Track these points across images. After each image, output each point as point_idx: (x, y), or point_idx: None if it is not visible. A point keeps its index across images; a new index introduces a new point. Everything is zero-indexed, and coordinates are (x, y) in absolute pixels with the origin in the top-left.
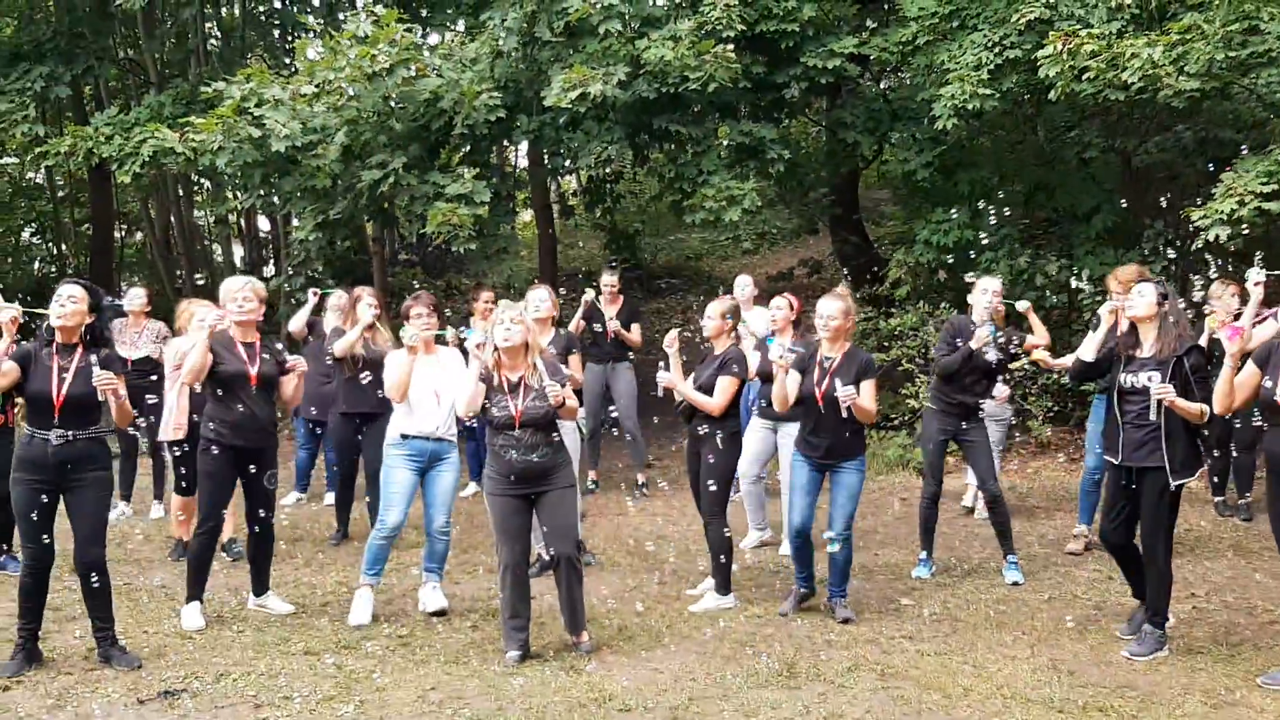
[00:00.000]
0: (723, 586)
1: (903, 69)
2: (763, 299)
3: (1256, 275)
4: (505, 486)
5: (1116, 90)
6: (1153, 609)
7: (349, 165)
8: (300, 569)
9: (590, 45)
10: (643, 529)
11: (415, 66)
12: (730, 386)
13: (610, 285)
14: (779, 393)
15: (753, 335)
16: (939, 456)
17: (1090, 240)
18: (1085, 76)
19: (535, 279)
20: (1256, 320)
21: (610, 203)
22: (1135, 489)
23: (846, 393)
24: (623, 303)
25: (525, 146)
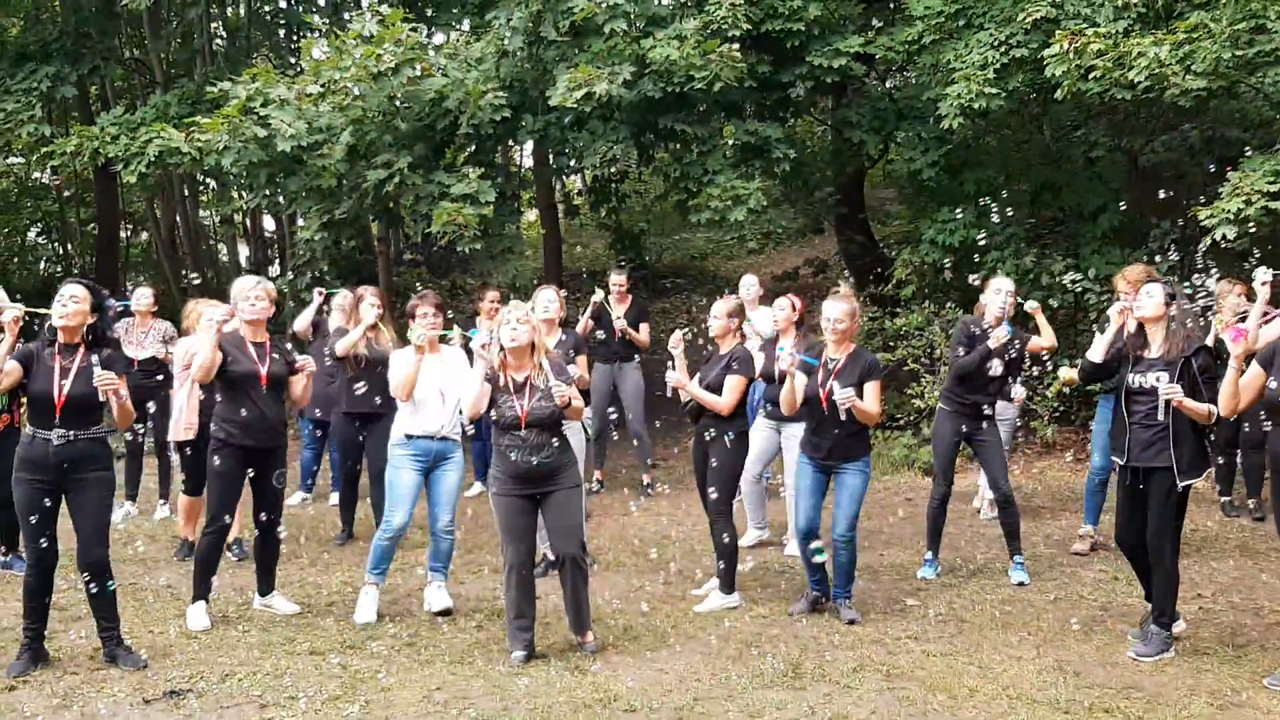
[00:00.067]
0: (727, 585)
1: (908, 68)
2: (768, 299)
3: (1264, 275)
4: (511, 486)
5: (1123, 89)
6: (1159, 609)
7: (354, 165)
8: (305, 569)
9: (595, 45)
10: (647, 529)
11: (420, 66)
12: (738, 385)
13: (619, 285)
14: (787, 395)
15: (758, 335)
16: (951, 457)
17: (1096, 240)
18: (1092, 75)
19: (539, 280)
20: (1264, 320)
21: (615, 202)
22: (1143, 489)
23: (844, 395)
24: (631, 302)
25: (530, 146)
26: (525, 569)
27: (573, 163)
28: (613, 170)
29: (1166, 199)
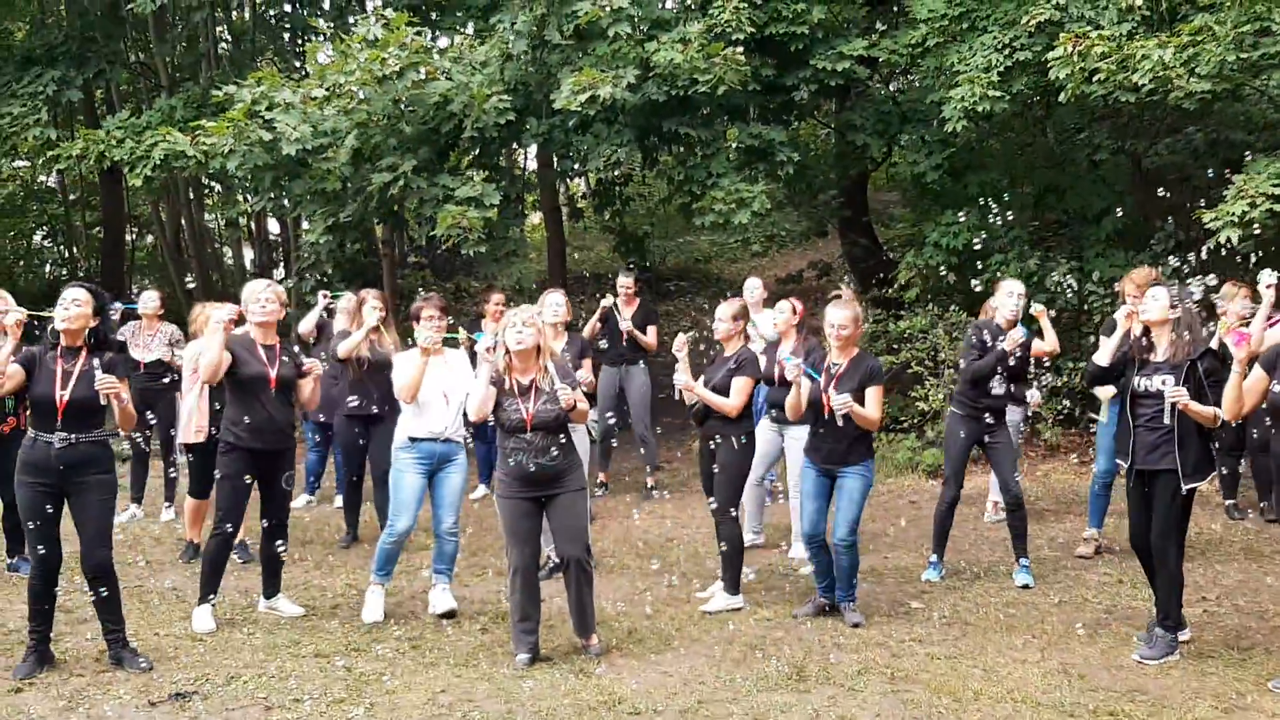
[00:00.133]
0: (732, 586)
1: (912, 71)
2: (772, 302)
3: (1269, 278)
4: (516, 489)
5: (1127, 92)
6: (1164, 612)
7: (359, 168)
8: (310, 571)
9: (600, 48)
10: (651, 532)
11: (425, 70)
12: (745, 387)
13: (626, 287)
14: (792, 401)
15: (761, 338)
16: (962, 461)
17: (1100, 242)
18: (1096, 78)
19: (543, 283)
20: (1269, 323)
21: (619, 205)
22: (1148, 492)
23: (841, 401)
24: (639, 304)
25: (534, 149)
26: (530, 571)
27: (577, 166)
28: (616, 173)
29: (1170, 202)
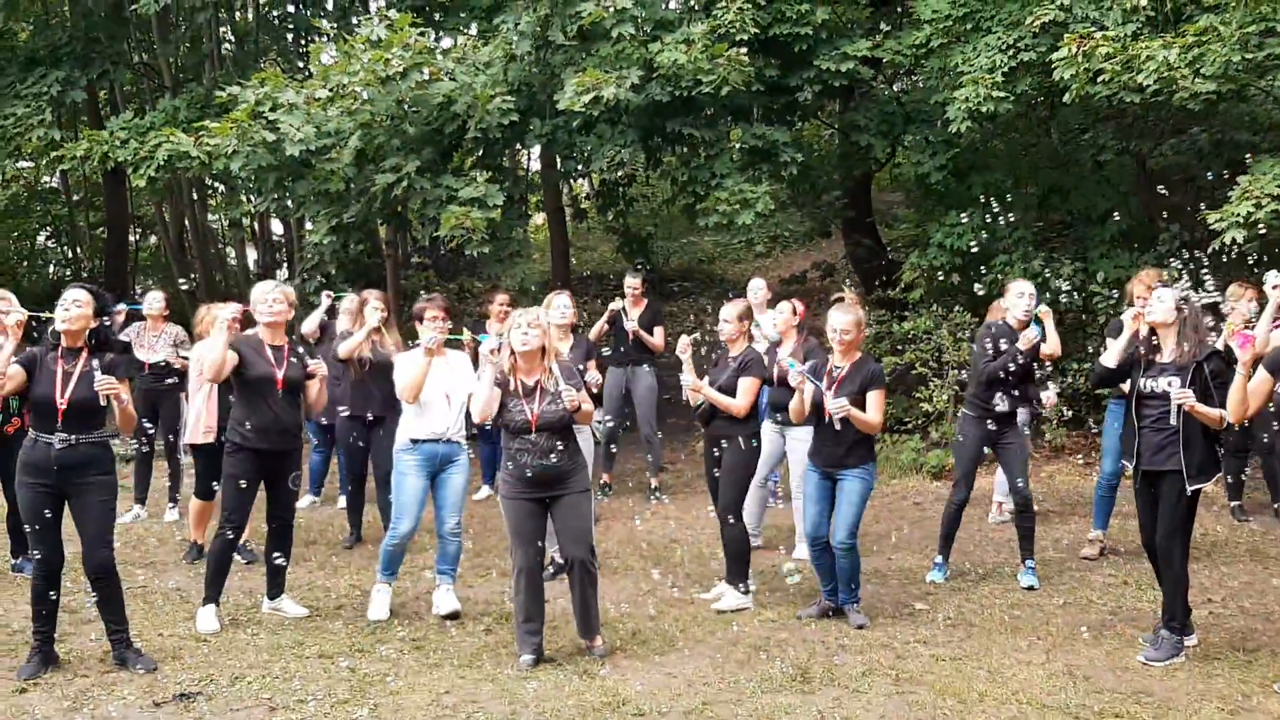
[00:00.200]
0: (743, 585)
1: (916, 72)
2: (775, 302)
3: (1275, 278)
4: (520, 490)
5: (1132, 93)
6: (1169, 613)
7: (362, 169)
8: (314, 572)
9: (603, 49)
10: (655, 533)
11: (429, 70)
12: (752, 387)
13: (634, 288)
14: (795, 407)
15: (765, 339)
16: (974, 463)
17: (1105, 243)
18: (1100, 79)
19: (547, 283)
20: (1275, 324)
21: (623, 206)
22: (1154, 492)
23: (837, 405)
24: (646, 305)
25: (538, 150)
26: (534, 572)
27: (580, 166)
28: (620, 174)
29: (1175, 203)
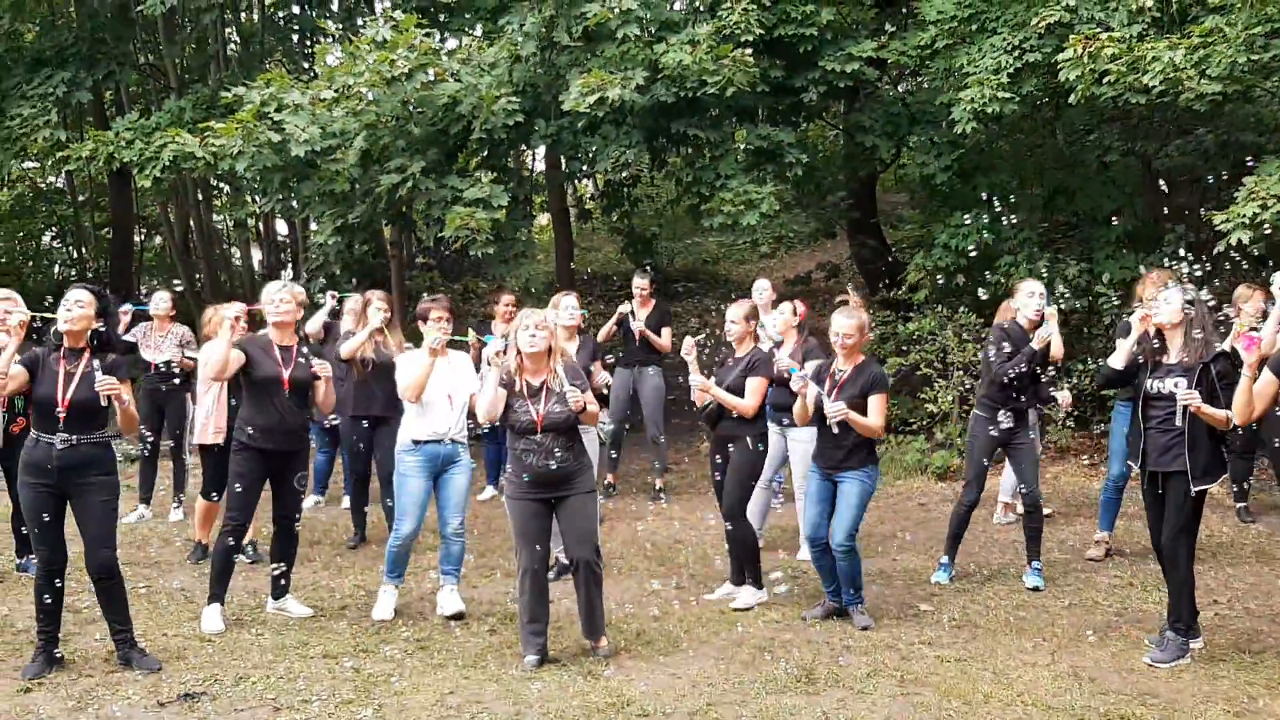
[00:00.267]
0: (755, 581)
1: (921, 72)
2: (780, 303)
3: None
4: (525, 490)
5: (1137, 94)
6: (1175, 614)
7: (367, 169)
8: (319, 572)
9: (608, 50)
10: (660, 534)
11: (434, 71)
12: (760, 387)
13: (641, 289)
14: (799, 409)
15: (769, 339)
16: (986, 464)
17: (1110, 244)
18: (1106, 80)
19: (552, 284)
20: None
21: (627, 207)
22: (1160, 493)
23: (834, 409)
24: (654, 306)
25: (543, 151)
26: (539, 573)
27: (585, 167)
28: (625, 175)
29: (1181, 204)
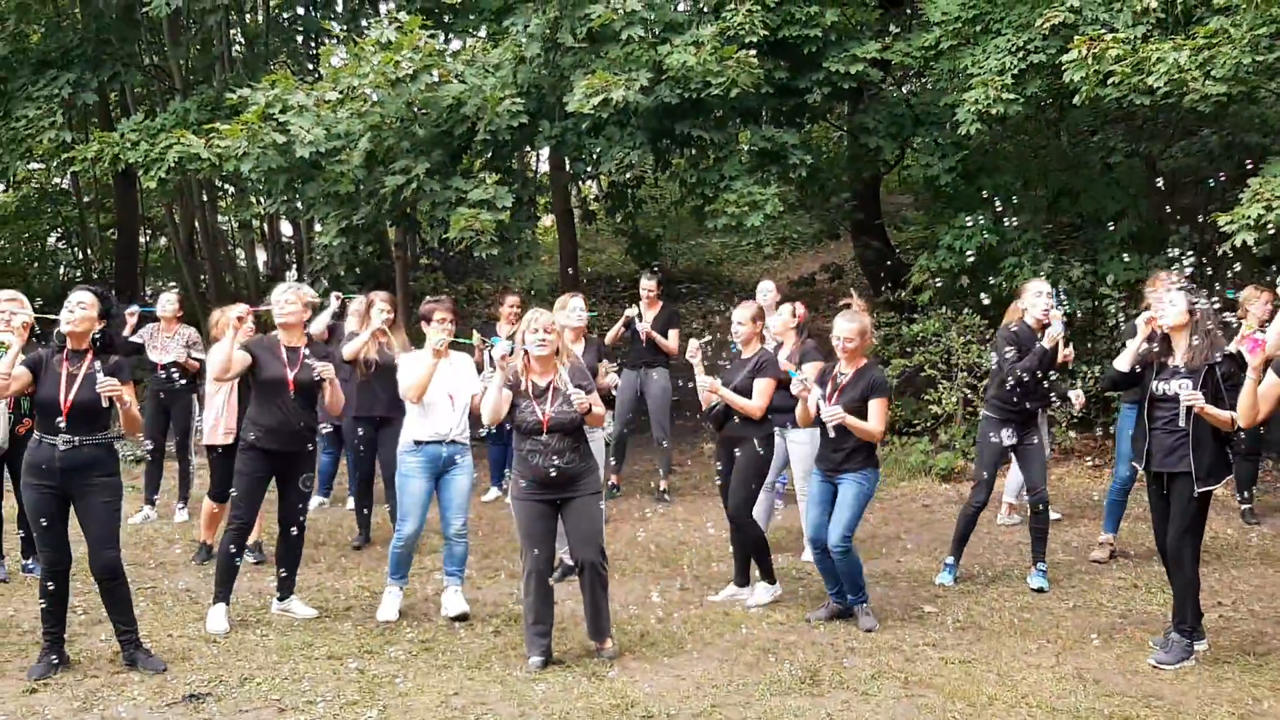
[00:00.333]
0: (767, 576)
1: (925, 74)
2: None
3: None
4: (531, 491)
5: (1142, 95)
6: (1179, 616)
7: (372, 171)
8: (323, 573)
9: (613, 51)
10: (664, 535)
11: (438, 73)
12: (768, 388)
13: (649, 290)
14: (801, 412)
15: (773, 339)
16: (996, 466)
17: (1115, 246)
18: (1110, 81)
19: (557, 285)
20: None
21: (631, 208)
22: (1166, 495)
23: (830, 414)
24: (661, 308)
25: (547, 152)
26: (544, 574)
27: (589, 168)
28: (629, 176)
29: (1185, 205)
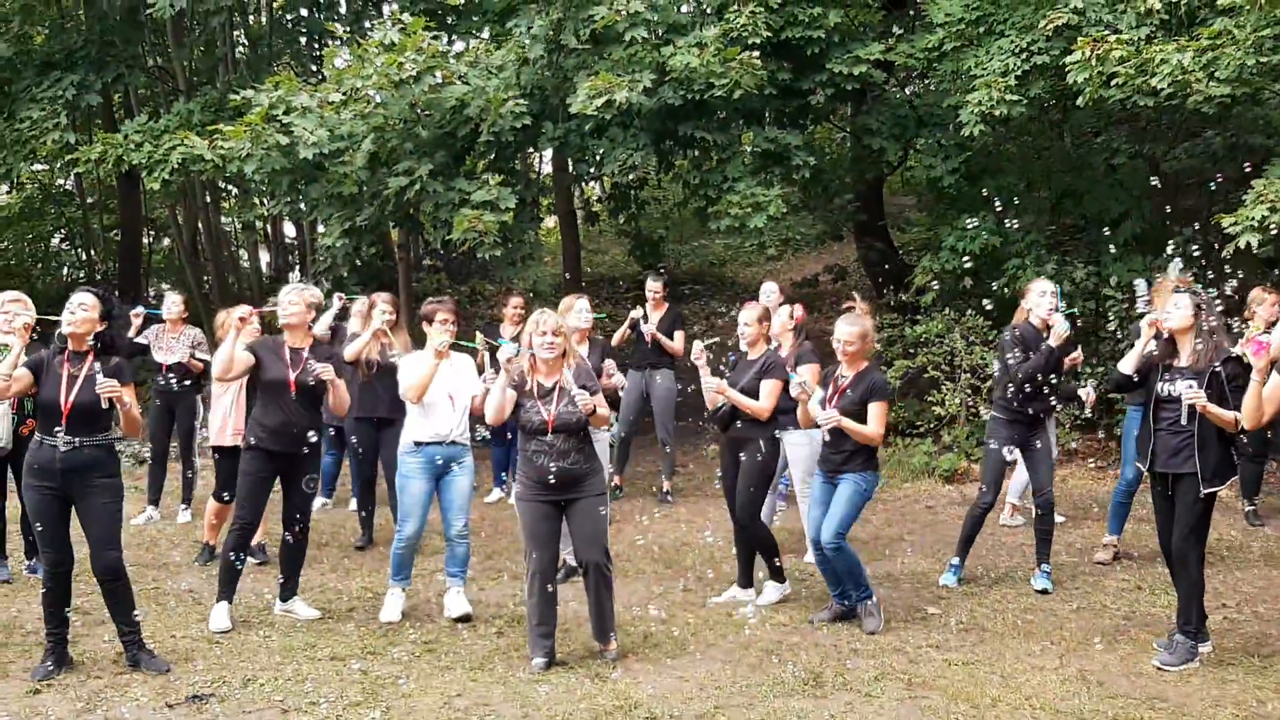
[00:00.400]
0: (776, 575)
1: (929, 75)
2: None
3: None
4: (536, 492)
5: (1145, 96)
6: (1184, 618)
7: (375, 172)
8: (326, 574)
9: (616, 52)
10: (667, 536)
11: (441, 74)
12: (775, 389)
13: (655, 291)
14: (802, 414)
15: (773, 340)
16: (1002, 468)
17: (1118, 247)
18: (1114, 82)
19: (561, 286)
20: None
21: (634, 209)
22: (1170, 496)
23: (826, 417)
24: (666, 309)
25: (550, 153)
26: (548, 575)
27: (592, 170)
28: (632, 177)
29: (1189, 206)
